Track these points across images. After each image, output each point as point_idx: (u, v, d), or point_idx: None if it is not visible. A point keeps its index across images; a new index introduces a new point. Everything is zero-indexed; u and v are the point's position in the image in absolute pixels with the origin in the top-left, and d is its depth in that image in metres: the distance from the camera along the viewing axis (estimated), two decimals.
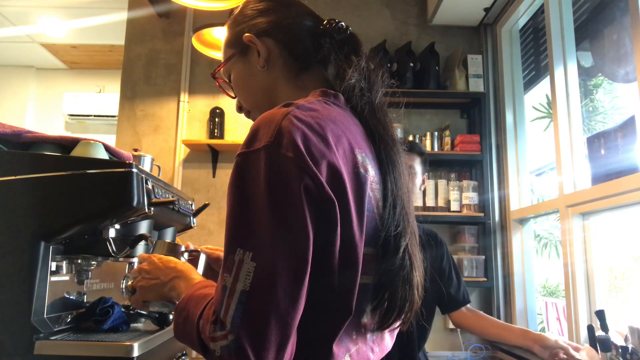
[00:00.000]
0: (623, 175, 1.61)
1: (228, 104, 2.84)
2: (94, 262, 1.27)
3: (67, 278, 1.24)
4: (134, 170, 1.13)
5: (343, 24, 0.83)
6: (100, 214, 1.12)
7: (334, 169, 0.63)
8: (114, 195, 1.12)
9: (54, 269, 1.15)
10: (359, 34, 0.85)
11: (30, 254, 1.07)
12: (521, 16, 2.57)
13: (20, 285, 1.06)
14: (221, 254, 1.04)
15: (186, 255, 0.99)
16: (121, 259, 1.28)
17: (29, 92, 4.80)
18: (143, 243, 1.27)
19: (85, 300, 1.31)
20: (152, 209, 1.19)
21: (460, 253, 2.63)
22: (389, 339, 0.79)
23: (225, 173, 2.81)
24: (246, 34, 0.82)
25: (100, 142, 1.27)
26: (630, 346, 1.40)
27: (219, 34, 2.24)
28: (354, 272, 0.64)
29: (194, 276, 0.82)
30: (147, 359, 1.13)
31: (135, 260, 1.32)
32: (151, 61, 2.93)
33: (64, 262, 1.22)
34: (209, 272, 1.03)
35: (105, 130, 4.74)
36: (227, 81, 0.90)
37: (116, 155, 1.31)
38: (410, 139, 2.66)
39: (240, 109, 0.90)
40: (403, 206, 0.73)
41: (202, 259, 1.01)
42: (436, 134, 2.69)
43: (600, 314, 1.48)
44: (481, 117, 2.69)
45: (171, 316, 1.27)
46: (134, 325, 1.31)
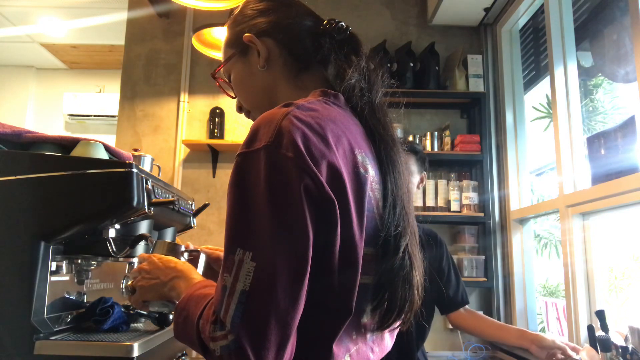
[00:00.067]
0: (623, 175, 1.60)
1: (228, 104, 2.84)
2: (94, 262, 1.27)
3: (67, 278, 1.24)
4: (134, 170, 1.13)
5: (343, 24, 0.83)
6: (100, 214, 1.12)
7: (334, 169, 0.63)
8: (114, 195, 1.12)
9: (54, 269, 1.15)
10: (359, 34, 0.85)
11: (30, 254, 1.07)
12: (521, 16, 2.57)
13: (20, 285, 1.06)
14: (221, 254, 1.04)
15: (186, 255, 0.99)
16: (121, 259, 1.28)
17: (29, 92, 4.80)
18: (143, 243, 1.27)
19: (85, 300, 1.31)
20: (152, 209, 1.19)
21: (460, 253, 2.63)
22: (388, 339, 0.79)
23: (225, 173, 2.81)
24: (246, 34, 0.82)
25: (100, 142, 1.27)
26: (630, 346, 1.40)
27: (219, 34, 2.24)
28: (354, 272, 0.64)
29: (194, 276, 0.82)
30: (147, 359, 1.13)
31: (135, 260, 1.32)
32: (151, 61, 2.93)
33: (64, 262, 1.22)
34: (209, 272, 1.03)
35: (105, 130, 4.74)
36: (227, 81, 0.90)
37: (116, 155, 1.31)
38: (410, 139, 2.66)
39: (240, 109, 0.90)
40: (403, 206, 0.73)
41: (202, 258, 1.01)
42: (436, 134, 2.69)
43: (600, 314, 1.48)
44: (481, 117, 2.69)
45: (171, 316, 1.27)
46: (134, 325, 1.31)
